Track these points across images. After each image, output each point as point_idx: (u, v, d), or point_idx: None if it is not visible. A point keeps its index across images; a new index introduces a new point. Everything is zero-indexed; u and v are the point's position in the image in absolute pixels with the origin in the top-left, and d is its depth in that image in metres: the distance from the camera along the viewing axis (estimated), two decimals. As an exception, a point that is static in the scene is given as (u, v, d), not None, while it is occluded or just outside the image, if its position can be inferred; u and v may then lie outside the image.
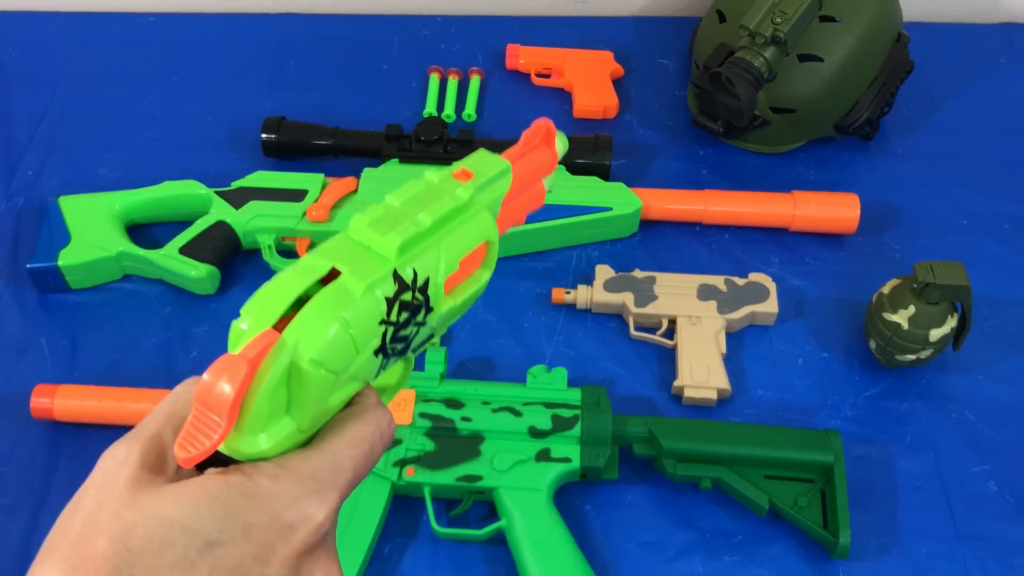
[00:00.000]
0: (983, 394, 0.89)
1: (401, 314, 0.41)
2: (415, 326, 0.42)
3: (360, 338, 0.39)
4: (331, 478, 0.40)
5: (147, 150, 1.07)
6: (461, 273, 0.45)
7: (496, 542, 0.81)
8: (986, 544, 0.81)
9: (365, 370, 0.41)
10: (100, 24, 1.19)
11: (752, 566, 0.80)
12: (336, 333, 0.39)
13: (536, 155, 0.50)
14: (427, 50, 1.16)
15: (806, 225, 0.98)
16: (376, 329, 0.40)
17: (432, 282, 0.42)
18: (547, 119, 0.51)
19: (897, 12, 1.02)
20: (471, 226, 0.44)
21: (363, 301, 0.39)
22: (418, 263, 0.41)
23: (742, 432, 0.82)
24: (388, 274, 0.40)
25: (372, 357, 0.41)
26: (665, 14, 1.20)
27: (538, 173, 0.51)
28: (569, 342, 0.92)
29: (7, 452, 0.86)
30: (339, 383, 0.40)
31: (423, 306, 0.42)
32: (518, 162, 0.49)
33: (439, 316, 0.44)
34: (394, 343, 0.42)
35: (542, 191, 0.52)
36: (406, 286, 0.41)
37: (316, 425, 0.41)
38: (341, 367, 0.39)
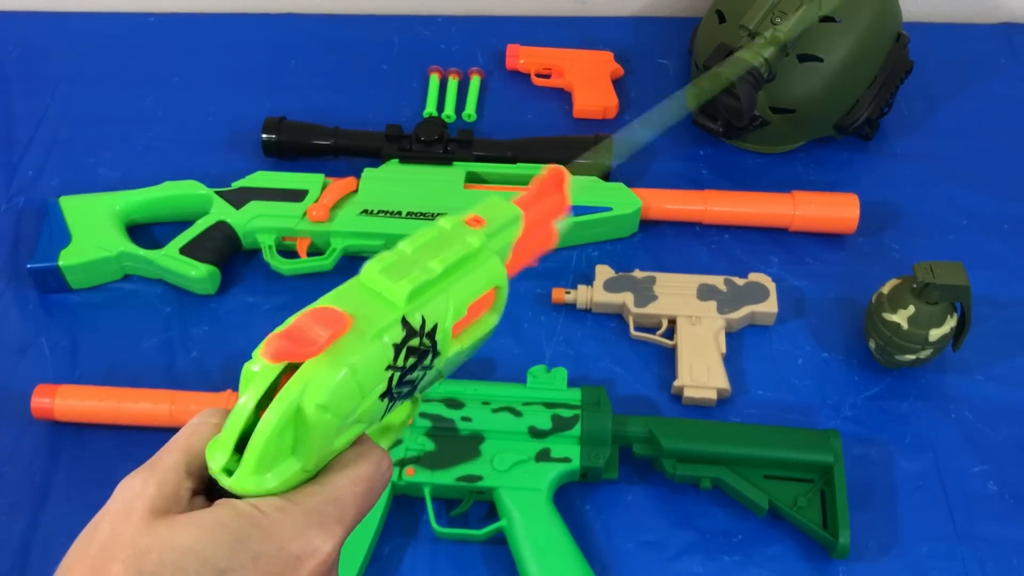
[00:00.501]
0: (983, 394, 0.89)
1: (408, 359, 0.42)
2: (422, 370, 0.43)
3: (366, 383, 0.40)
4: (336, 513, 0.42)
5: (147, 150, 1.07)
6: (469, 317, 0.46)
7: (496, 542, 0.81)
8: (986, 544, 0.81)
9: (370, 413, 0.42)
10: (100, 24, 1.19)
11: (752, 566, 0.80)
12: (343, 379, 0.39)
13: (548, 200, 0.52)
14: (427, 50, 1.16)
15: (806, 225, 0.98)
16: (383, 375, 0.41)
17: (440, 328, 0.43)
18: (562, 168, 0.53)
19: (897, 12, 1.02)
20: (480, 272, 0.45)
21: (371, 347, 0.40)
22: (427, 309, 0.42)
23: (742, 432, 0.82)
24: (397, 320, 0.41)
25: (378, 401, 0.41)
26: (665, 14, 1.20)
27: (549, 217, 0.52)
28: (569, 342, 0.92)
29: (7, 452, 0.86)
30: (344, 427, 0.41)
31: (430, 351, 0.43)
32: (530, 208, 0.50)
33: (446, 359, 0.45)
34: (400, 387, 0.42)
35: (553, 234, 0.53)
36: (414, 332, 0.42)
37: (320, 464, 0.42)
38: (347, 412, 0.40)
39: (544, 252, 0.53)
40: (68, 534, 0.42)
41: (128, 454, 0.45)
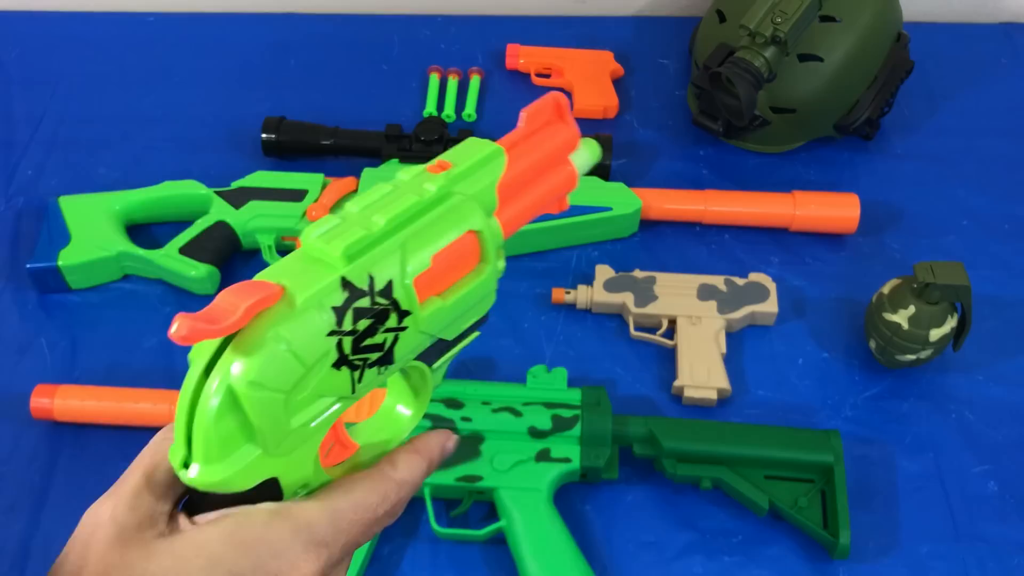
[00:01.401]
0: (983, 394, 0.89)
1: (359, 321, 0.39)
2: (388, 332, 0.40)
3: (305, 353, 0.37)
4: (327, 534, 0.39)
5: (147, 150, 1.07)
6: (445, 270, 0.42)
7: (496, 542, 0.81)
8: (986, 544, 0.81)
9: (330, 386, 0.39)
10: (100, 24, 1.19)
11: (752, 566, 0.80)
12: (271, 350, 0.37)
13: (548, 132, 0.47)
14: (427, 50, 1.16)
15: (806, 225, 0.98)
16: (325, 341, 0.38)
17: (398, 283, 0.40)
18: (557, 93, 0.48)
19: (897, 12, 1.02)
20: (443, 219, 0.42)
21: (303, 315, 0.37)
22: (375, 267, 0.39)
23: (742, 432, 0.82)
24: (335, 282, 0.38)
25: (332, 371, 0.39)
26: (665, 14, 1.20)
27: (557, 152, 0.47)
28: (569, 342, 0.92)
29: (7, 452, 0.86)
30: (297, 402, 0.38)
31: (391, 309, 0.40)
32: (522, 143, 0.46)
33: (426, 318, 0.41)
34: (361, 353, 0.39)
35: (572, 172, 0.48)
36: (361, 292, 0.39)
37: (294, 446, 0.39)
38: (288, 385, 0.37)
39: (566, 192, 0.48)
40: (67, 534, 0.42)
41: (128, 454, 0.45)
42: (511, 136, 0.46)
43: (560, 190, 0.48)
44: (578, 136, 0.48)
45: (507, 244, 0.98)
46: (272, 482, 0.40)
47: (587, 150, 0.49)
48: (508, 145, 0.46)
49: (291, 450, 0.39)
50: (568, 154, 0.48)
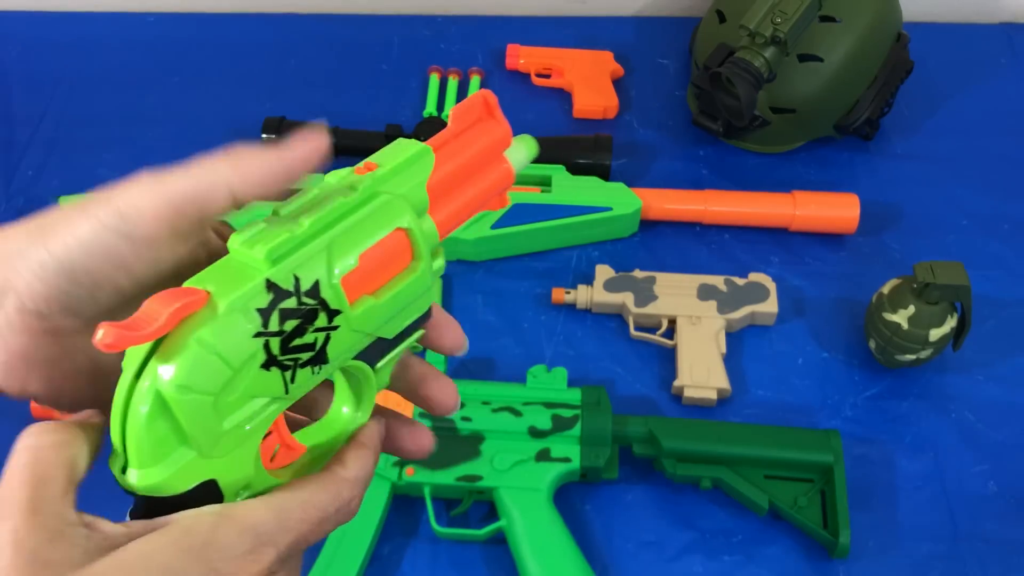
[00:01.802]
0: (983, 394, 0.89)
1: (286, 322, 0.39)
2: (318, 332, 0.40)
3: (230, 354, 0.38)
4: (273, 534, 0.38)
5: (147, 150, 1.07)
6: (375, 268, 0.42)
7: (496, 542, 0.81)
8: (986, 544, 0.81)
9: (262, 386, 0.39)
10: (100, 24, 1.19)
11: (752, 566, 0.80)
12: (195, 353, 0.37)
13: (478, 130, 0.47)
14: (427, 50, 1.16)
15: (806, 225, 0.98)
16: (251, 343, 0.38)
17: (325, 283, 0.40)
18: (486, 90, 0.48)
19: (897, 12, 1.02)
20: (370, 218, 0.42)
21: (227, 317, 0.38)
22: (300, 268, 0.39)
23: (742, 432, 0.82)
24: (259, 285, 0.38)
25: (262, 372, 0.39)
26: (665, 14, 1.20)
27: (489, 149, 0.47)
28: (569, 342, 0.92)
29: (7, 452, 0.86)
30: (227, 403, 0.38)
31: (318, 310, 0.40)
32: (452, 141, 0.46)
33: (358, 317, 0.41)
34: (291, 353, 0.39)
35: (507, 170, 0.48)
36: (286, 293, 0.39)
37: (231, 448, 0.39)
38: (216, 387, 0.38)
39: (500, 190, 0.48)
40: (68, 534, 0.42)
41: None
42: (440, 136, 0.46)
43: (496, 187, 0.48)
44: (509, 133, 0.48)
45: (508, 244, 0.99)
46: (211, 484, 0.39)
47: (523, 147, 0.49)
48: (437, 144, 0.45)
49: (227, 452, 0.39)
50: (502, 151, 0.48)
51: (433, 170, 0.45)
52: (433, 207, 0.45)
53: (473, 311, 0.94)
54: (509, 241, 0.96)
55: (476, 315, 0.94)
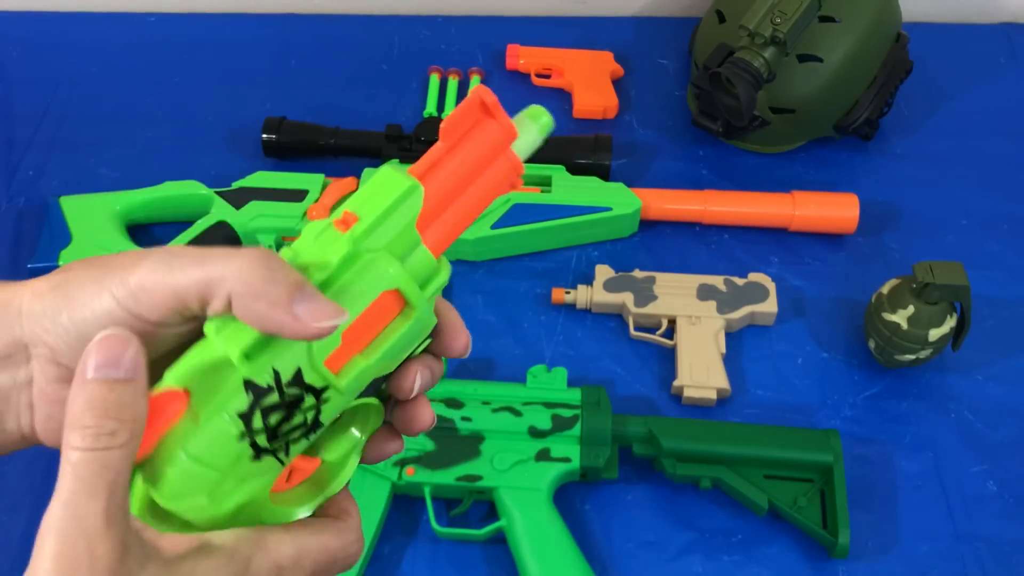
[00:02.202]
0: (983, 394, 0.89)
1: (270, 417, 0.38)
2: (307, 412, 0.39)
3: (216, 461, 0.38)
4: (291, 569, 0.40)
5: (147, 150, 1.07)
6: (361, 334, 0.40)
7: (496, 542, 0.81)
8: (986, 544, 0.81)
9: (257, 471, 0.39)
10: (100, 24, 1.19)
11: (752, 566, 0.80)
12: (183, 468, 0.38)
13: (475, 135, 0.42)
14: (427, 50, 1.16)
15: (806, 225, 0.98)
16: (237, 446, 0.38)
17: (307, 370, 0.38)
18: (482, 88, 0.42)
19: (897, 12, 1.02)
20: (351, 289, 0.39)
21: (206, 427, 0.38)
22: (278, 360, 0.38)
23: (742, 432, 0.82)
24: (236, 387, 0.38)
25: (254, 463, 0.39)
26: (665, 14, 1.20)
27: (490, 152, 0.43)
28: (569, 342, 0.92)
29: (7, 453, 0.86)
30: (223, 492, 0.39)
31: (303, 395, 0.39)
32: (446, 158, 0.42)
33: (349, 384, 0.40)
34: (279, 439, 0.39)
35: (514, 163, 0.43)
36: (266, 390, 0.38)
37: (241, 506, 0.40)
38: (206, 490, 0.38)
39: (509, 184, 0.44)
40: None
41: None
42: (431, 155, 0.42)
43: (502, 184, 0.44)
44: (512, 129, 0.42)
45: (508, 244, 0.99)
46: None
47: (532, 127, 0.43)
48: (426, 166, 0.42)
49: (242, 503, 0.40)
50: (507, 146, 0.43)
51: (429, 207, 0.41)
52: (427, 229, 0.42)
53: (473, 311, 0.94)
54: (509, 241, 0.96)
55: (476, 315, 0.94)
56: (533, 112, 0.43)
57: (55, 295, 0.39)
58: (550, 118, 0.43)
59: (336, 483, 0.44)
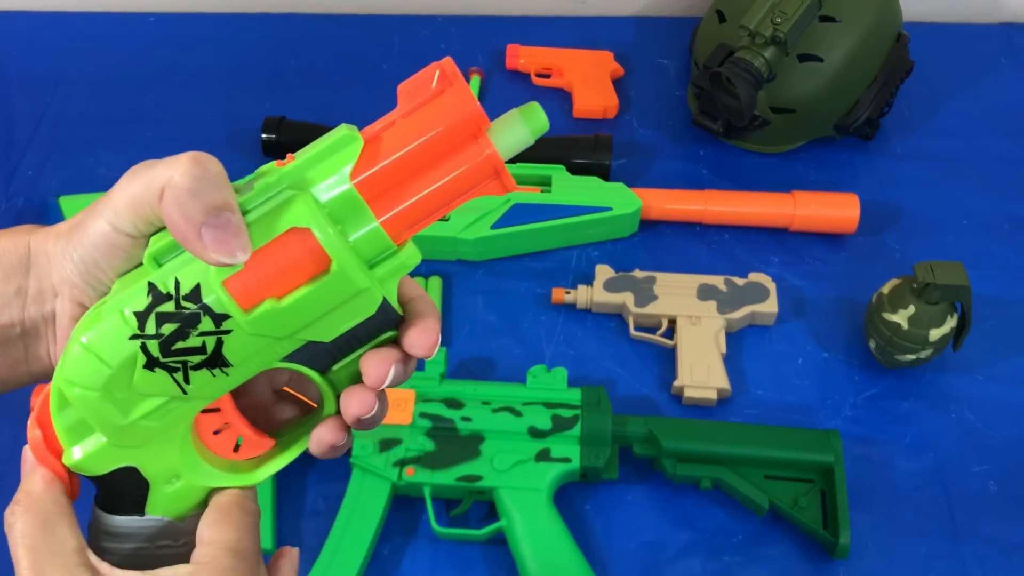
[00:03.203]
0: (983, 394, 0.89)
1: (163, 326, 0.39)
2: (206, 335, 0.40)
3: (107, 355, 0.40)
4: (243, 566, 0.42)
5: (147, 150, 1.07)
6: (272, 271, 0.39)
7: (496, 542, 0.81)
8: (986, 544, 0.81)
9: (152, 386, 0.40)
10: (100, 24, 1.19)
11: (752, 566, 0.80)
12: (75, 353, 0.40)
13: (431, 107, 0.41)
14: (427, 50, 1.16)
15: (806, 225, 0.98)
16: (127, 345, 0.40)
17: (206, 287, 0.39)
18: (444, 60, 0.41)
19: (897, 12, 1.02)
20: (265, 218, 0.39)
21: (105, 319, 0.40)
22: (181, 271, 0.39)
23: (742, 432, 0.82)
24: (141, 288, 0.40)
25: (147, 372, 0.40)
26: (665, 14, 1.20)
27: (452, 130, 0.40)
28: (569, 342, 0.92)
29: (7, 452, 0.86)
30: (120, 399, 0.40)
31: (200, 314, 0.39)
32: (397, 124, 0.41)
33: (255, 321, 0.40)
34: (174, 356, 0.40)
35: (488, 153, 0.40)
36: (164, 296, 0.39)
37: (141, 441, 0.42)
38: (98, 384, 0.40)
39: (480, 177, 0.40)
40: (68, 534, 0.42)
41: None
42: (383, 119, 0.41)
43: (475, 176, 0.40)
44: (477, 108, 0.39)
45: (508, 244, 0.99)
46: (131, 471, 0.42)
47: (520, 121, 0.40)
48: (377, 130, 0.41)
49: (141, 443, 0.42)
50: (475, 129, 0.40)
51: (371, 159, 0.40)
52: (379, 203, 0.40)
53: (473, 311, 0.94)
54: (509, 241, 0.96)
55: (476, 315, 0.94)
56: (527, 109, 0.41)
57: (70, 234, 0.43)
58: (544, 119, 0.41)
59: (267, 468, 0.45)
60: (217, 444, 0.44)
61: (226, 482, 0.44)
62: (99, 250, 0.42)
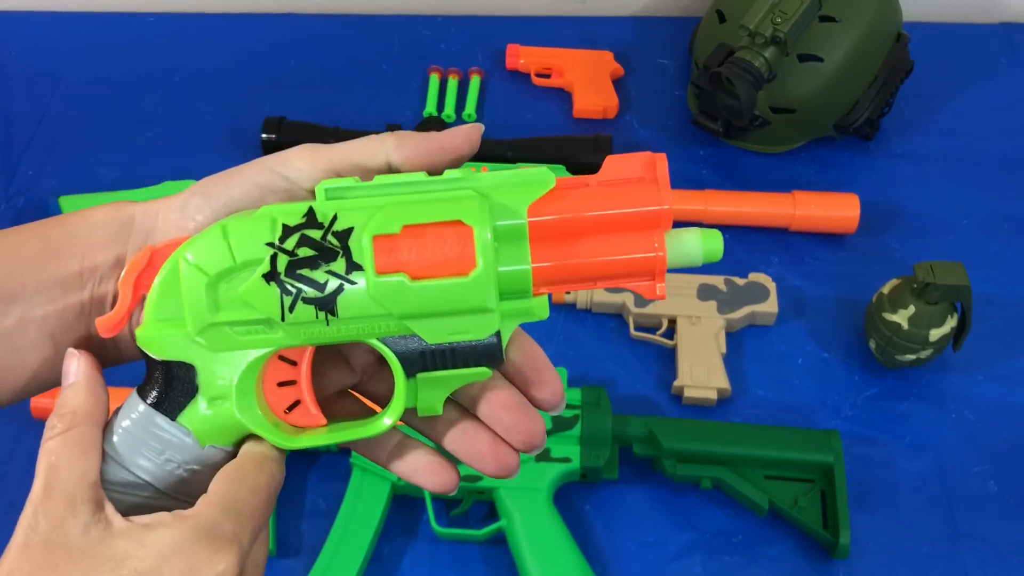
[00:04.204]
0: (983, 394, 0.89)
1: (300, 248, 0.41)
2: (332, 276, 0.41)
3: (238, 248, 0.41)
4: (232, 528, 0.40)
5: (147, 150, 1.07)
6: (421, 251, 0.40)
7: (496, 542, 0.81)
8: (986, 544, 0.81)
9: (258, 298, 0.41)
10: (100, 24, 1.19)
11: (752, 566, 0.80)
12: (211, 234, 0.41)
13: (627, 187, 0.41)
14: (427, 50, 1.16)
15: (806, 225, 0.98)
16: (261, 249, 0.41)
17: (357, 233, 0.41)
18: (658, 154, 0.42)
19: (897, 12, 1.02)
20: (437, 202, 0.41)
21: (254, 218, 0.41)
22: (344, 211, 0.41)
23: (742, 432, 0.82)
24: (301, 208, 0.41)
25: (262, 282, 0.41)
26: (665, 14, 1.20)
27: (635, 216, 0.41)
28: (569, 342, 0.92)
29: (7, 452, 0.86)
30: (223, 296, 0.41)
31: (338, 253, 0.41)
32: (591, 187, 0.42)
33: (381, 286, 0.41)
34: (294, 279, 0.41)
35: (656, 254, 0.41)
36: (316, 223, 0.41)
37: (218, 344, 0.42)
38: (214, 270, 0.41)
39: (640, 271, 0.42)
40: (68, 534, 0.42)
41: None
42: (583, 177, 0.42)
43: (635, 267, 0.42)
44: (669, 208, 0.41)
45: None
46: (189, 369, 0.42)
47: (697, 240, 0.43)
48: (572, 183, 0.42)
49: (214, 347, 0.42)
50: (656, 227, 0.42)
51: (551, 205, 0.41)
52: (539, 249, 0.41)
53: (473, 311, 0.94)
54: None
55: (476, 315, 0.94)
56: (709, 234, 0.43)
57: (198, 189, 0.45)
58: (720, 249, 0.43)
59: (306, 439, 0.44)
60: (275, 396, 0.44)
61: (263, 431, 0.43)
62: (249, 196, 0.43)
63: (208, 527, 0.40)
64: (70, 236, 0.45)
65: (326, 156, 0.43)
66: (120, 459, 0.43)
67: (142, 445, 0.43)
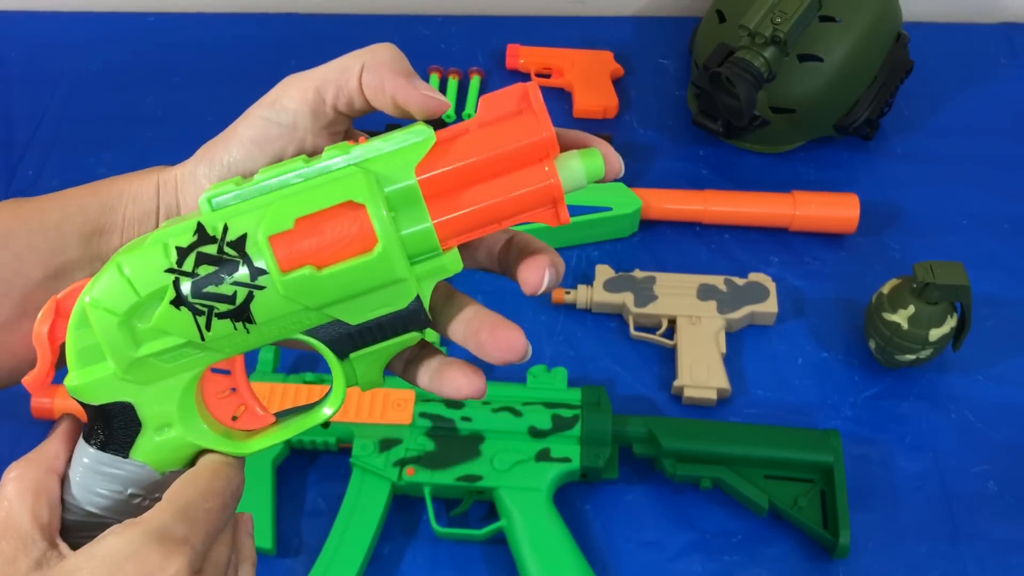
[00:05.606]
0: (983, 394, 0.89)
1: (200, 267, 0.40)
2: (239, 286, 0.40)
3: (139, 282, 0.40)
4: (183, 531, 0.40)
5: (147, 150, 1.07)
6: (320, 240, 0.40)
7: (496, 542, 0.81)
8: (986, 544, 0.81)
9: (173, 324, 0.40)
10: (100, 24, 1.19)
11: (752, 566, 0.80)
12: (109, 275, 0.41)
13: (507, 124, 0.41)
14: (427, 50, 1.16)
15: (806, 225, 0.98)
16: (161, 276, 0.40)
17: (251, 238, 0.40)
18: (529, 83, 0.41)
19: (897, 12, 1.02)
20: (321, 187, 0.41)
21: (147, 248, 0.41)
22: (232, 219, 0.40)
23: (742, 432, 0.82)
24: (190, 226, 0.41)
25: (173, 309, 0.40)
26: (665, 14, 1.20)
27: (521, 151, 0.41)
28: (569, 342, 0.92)
29: (7, 452, 0.86)
30: (138, 330, 0.41)
31: (239, 263, 0.40)
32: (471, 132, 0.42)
33: (290, 283, 0.40)
34: (202, 298, 0.40)
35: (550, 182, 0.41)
36: (209, 238, 0.40)
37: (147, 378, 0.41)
38: (121, 309, 0.40)
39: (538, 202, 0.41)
40: (68, 534, 0.42)
41: (127, 454, 0.44)
42: (459, 124, 0.42)
43: (532, 199, 0.41)
44: (552, 135, 0.41)
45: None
46: (127, 407, 0.42)
47: (583, 161, 0.42)
48: (451, 133, 0.42)
49: (145, 380, 0.42)
50: (544, 156, 0.41)
51: (437, 160, 0.41)
52: (436, 204, 0.41)
53: (473, 311, 0.94)
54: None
55: (476, 315, 0.94)
56: (585, 152, 0.42)
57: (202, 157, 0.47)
58: (600, 164, 0.42)
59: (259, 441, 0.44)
60: (218, 407, 0.44)
61: (216, 445, 0.43)
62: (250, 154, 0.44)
63: (159, 531, 0.40)
64: (108, 210, 0.47)
65: (311, 87, 0.45)
66: (80, 504, 0.43)
67: (101, 487, 0.43)
